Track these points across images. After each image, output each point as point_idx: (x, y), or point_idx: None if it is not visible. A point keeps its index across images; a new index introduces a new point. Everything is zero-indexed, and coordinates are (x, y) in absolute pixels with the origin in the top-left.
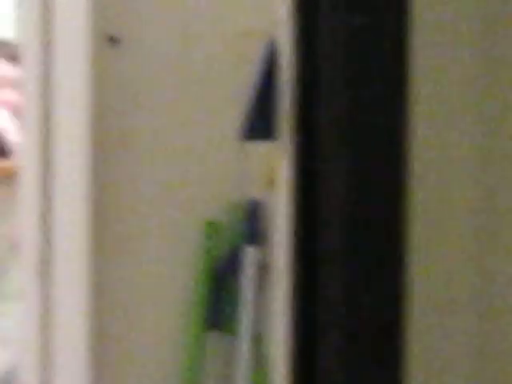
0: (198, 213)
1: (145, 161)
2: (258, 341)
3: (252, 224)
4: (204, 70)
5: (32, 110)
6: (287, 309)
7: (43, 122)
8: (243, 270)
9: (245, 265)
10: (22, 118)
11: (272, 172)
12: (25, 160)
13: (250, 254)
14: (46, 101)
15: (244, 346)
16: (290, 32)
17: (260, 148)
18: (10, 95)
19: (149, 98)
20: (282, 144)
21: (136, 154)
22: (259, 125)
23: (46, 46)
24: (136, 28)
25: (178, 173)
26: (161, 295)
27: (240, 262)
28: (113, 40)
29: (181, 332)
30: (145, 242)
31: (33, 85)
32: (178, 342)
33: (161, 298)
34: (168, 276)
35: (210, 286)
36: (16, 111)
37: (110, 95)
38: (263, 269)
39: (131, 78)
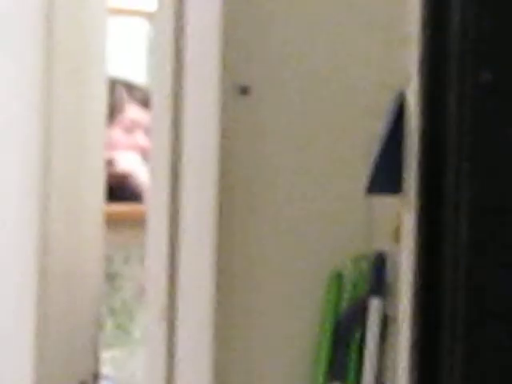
0: (323, 264)
1: (271, 211)
2: None
3: (377, 276)
4: (332, 120)
5: (160, 155)
6: (409, 361)
7: (171, 168)
8: (367, 321)
9: (369, 316)
10: (151, 163)
11: (399, 225)
12: (152, 204)
13: (375, 306)
14: (175, 147)
15: None
16: (417, 86)
17: (387, 200)
18: (142, 139)
19: (277, 148)
20: (407, 197)
21: (262, 203)
22: (385, 178)
23: (177, 93)
24: (266, 78)
25: (304, 224)
26: (284, 345)
27: (364, 314)
28: (243, 90)
29: (305, 382)
30: (269, 292)
31: (162, 131)
32: None
33: (284, 349)
34: (292, 326)
35: (333, 337)
36: (146, 156)
37: (238, 145)
38: (387, 320)
39: (261, 128)
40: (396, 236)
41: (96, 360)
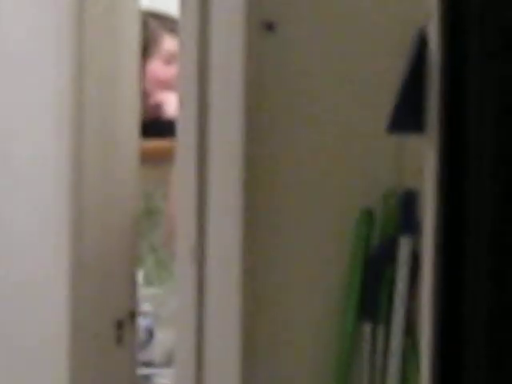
0: (353, 200)
1: (301, 147)
2: (412, 331)
3: (406, 214)
4: (357, 58)
5: (188, 87)
6: (433, 300)
7: (198, 99)
8: (397, 259)
9: (399, 255)
10: (178, 95)
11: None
12: (181, 139)
13: (405, 244)
14: (201, 79)
15: (397, 336)
16: (438, 21)
17: (416, 138)
18: None
19: (302, 86)
20: (429, 135)
21: (292, 139)
22: (407, 116)
23: (203, 25)
24: (291, 14)
25: (334, 161)
26: (315, 284)
27: (395, 252)
28: (269, 26)
29: (334, 321)
30: (299, 230)
31: (189, 63)
32: (332, 331)
33: (314, 287)
34: (322, 263)
35: (364, 275)
36: None
37: (265, 82)
38: (418, 259)
39: (286, 65)
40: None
41: (134, 298)
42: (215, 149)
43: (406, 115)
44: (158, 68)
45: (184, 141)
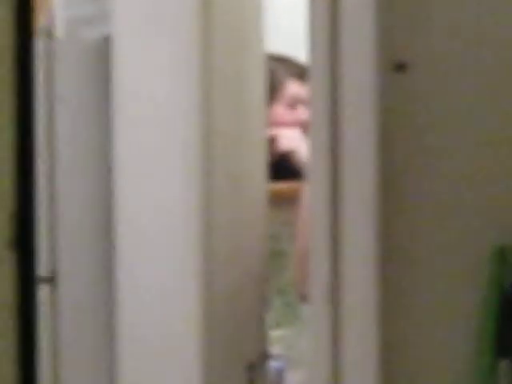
0: (487, 237)
1: (434, 184)
2: None
3: None
4: (498, 100)
5: (319, 130)
6: None
7: (330, 143)
8: None
9: None
10: (310, 138)
11: None
12: (313, 181)
13: None
14: (333, 121)
15: None
16: None
17: None
18: (304, 114)
19: (434, 127)
20: None
21: (425, 181)
22: None
23: (334, 68)
24: (423, 54)
25: (468, 198)
26: (449, 322)
27: None
28: (400, 66)
29: (470, 361)
30: (433, 269)
31: (321, 108)
32: (468, 370)
33: (449, 325)
34: (456, 301)
35: (500, 312)
36: (306, 130)
37: (396, 121)
38: None
39: (418, 105)
40: None
41: (264, 340)
42: (348, 190)
43: None
44: (281, 112)
45: (316, 182)
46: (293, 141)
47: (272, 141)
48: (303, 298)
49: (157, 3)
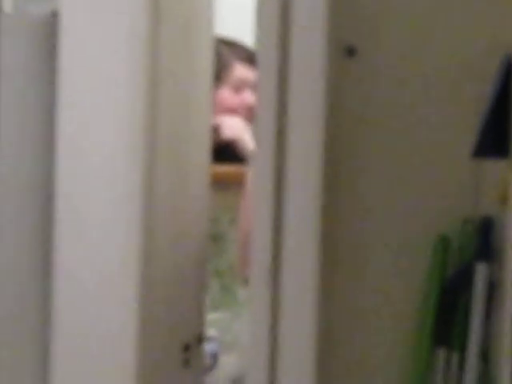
0: (430, 227)
1: (376, 173)
2: (486, 359)
3: (484, 240)
4: (440, 83)
5: (266, 116)
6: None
7: (277, 128)
8: (474, 286)
9: (475, 281)
10: (256, 123)
11: (506, 188)
12: (257, 165)
13: (481, 271)
14: (281, 106)
15: (472, 364)
16: None
17: (494, 164)
18: (249, 98)
19: (382, 110)
20: None
21: (368, 165)
22: (492, 142)
23: (283, 53)
24: (373, 39)
25: (411, 186)
26: (390, 308)
27: (471, 279)
28: (350, 51)
29: (409, 346)
30: (376, 256)
31: (268, 93)
32: (406, 356)
33: (390, 312)
34: (398, 289)
35: (439, 301)
36: (250, 114)
37: (344, 106)
38: (494, 286)
39: (366, 90)
40: (503, 200)
41: (201, 322)
42: (292, 176)
43: (491, 141)
44: (227, 95)
45: (261, 168)
46: (236, 130)
47: (215, 130)
48: (245, 281)
49: None
